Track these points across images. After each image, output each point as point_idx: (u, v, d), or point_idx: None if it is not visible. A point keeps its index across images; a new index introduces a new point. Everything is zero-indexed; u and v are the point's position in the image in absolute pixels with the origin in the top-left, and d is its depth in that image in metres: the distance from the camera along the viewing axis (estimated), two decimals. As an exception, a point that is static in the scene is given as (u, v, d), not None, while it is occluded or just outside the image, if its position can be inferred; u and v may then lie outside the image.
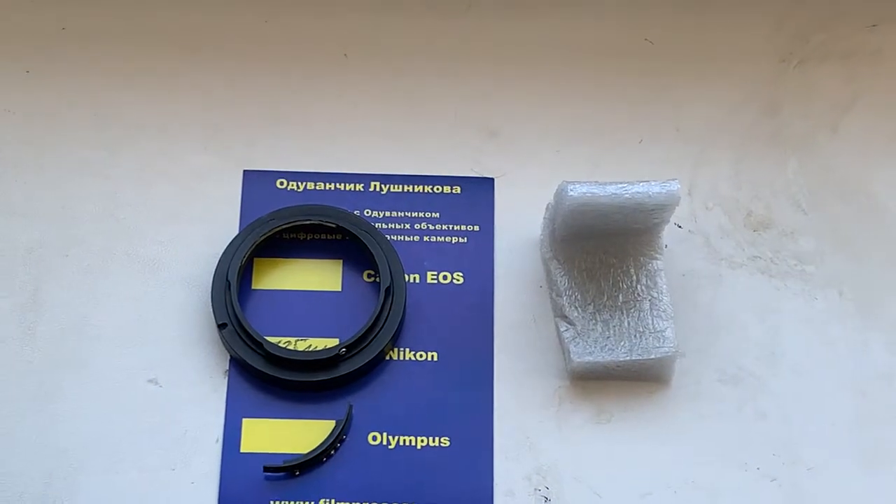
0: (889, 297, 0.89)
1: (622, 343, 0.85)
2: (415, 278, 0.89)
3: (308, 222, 0.89)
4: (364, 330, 0.85)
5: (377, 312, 0.85)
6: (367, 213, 0.91)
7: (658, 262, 0.88)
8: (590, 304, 0.87)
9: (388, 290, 0.86)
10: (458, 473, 0.83)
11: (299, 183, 0.91)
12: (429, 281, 0.89)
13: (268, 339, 0.85)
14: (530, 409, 0.85)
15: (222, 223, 0.90)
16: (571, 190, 0.84)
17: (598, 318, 0.86)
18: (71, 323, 0.87)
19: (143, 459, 0.83)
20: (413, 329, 0.87)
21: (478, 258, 0.90)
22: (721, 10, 0.98)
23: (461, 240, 0.90)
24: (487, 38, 0.97)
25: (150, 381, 0.85)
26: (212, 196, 0.91)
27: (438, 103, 0.95)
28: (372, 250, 0.87)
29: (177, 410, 0.85)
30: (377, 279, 0.87)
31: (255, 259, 0.89)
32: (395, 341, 0.87)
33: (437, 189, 0.92)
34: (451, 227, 0.91)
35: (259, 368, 0.84)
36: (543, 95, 0.95)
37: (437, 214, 0.91)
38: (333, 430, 0.83)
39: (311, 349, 0.86)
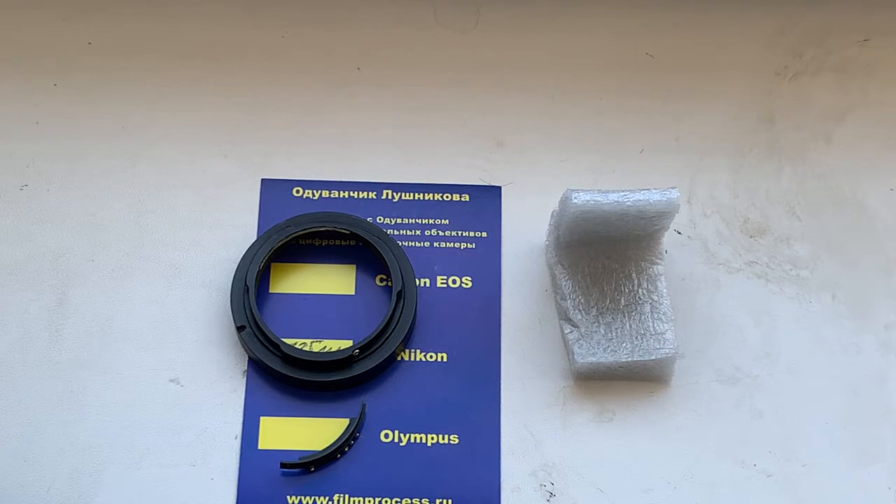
0: (880, 300, 0.89)
1: (624, 345, 0.86)
2: (425, 282, 0.89)
3: (323, 229, 0.89)
4: (377, 332, 0.85)
5: (389, 315, 0.86)
6: (380, 219, 0.91)
7: (658, 266, 0.88)
8: (593, 307, 0.87)
9: (399, 294, 0.87)
10: (467, 470, 0.84)
11: (315, 191, 0.92)
12: (438, 285, 0.89)
13: (284, 340, 0.85)
14: (536, 408, 0.86)
15: (241, 229, 0.90)
16: (575, 198, 0.85)
17: (601, 321, 0.87)
18: (96, 325, 0.87)
19: (165, 456, 0.84)
20: (423, 331, 0.88)
21: (485, 263, 0.90)
22: (718, 25, 0.98)
23: (469, 245, 0.91)
24: (495, 52, 0.97)
25: (171, 380, 0.86)
26: (231, 203, 0.91)
27: (448, 114, 0.95)
28: (384, 256, 0.88)
29: (197, 409, 0.85)
30: (389, 283, 0.88)
31: (273, 264, 0.89)
32: (406, 343, 0.87)
33: (447, 197, 0.92)
34: (459, 233, 0.91)
35: (276, 369, 0.85)
36: (548, 107, 0.96)
37: (447, 221, 0.91)
38: (347, 427, 0.84)
39: (325, 350, 0.86)
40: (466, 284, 0.89)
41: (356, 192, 0.92)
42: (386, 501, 0.83)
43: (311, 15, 0.98)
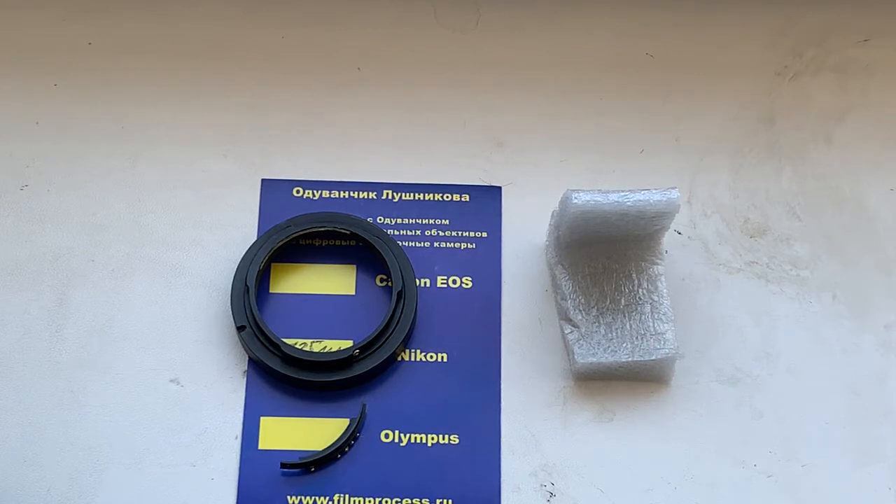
0: (880, 300, 0.90)
1: (624, 345, 0.86)
2: (425, 283, 0.89)
3: (323, 229, 0.89)
4: (377, 332, 0.86)
5: (389, 315, 0.86)
6: (380, 220, 0.91)
7: (659, 266, 0.88)
8: (593, 307, 0.87)
9: (399, 294, 0.87)
10: (467, 470, 0.84)
11: (315, 191, 0.92)
12: (439, 285, 0.89)
13: (285, 340, 0.86)
14: (536, 408, 0.86)
15: (241, 229, 0.90)
16: (575, 198, 0.85)
17: (602, 321, 0.87)
18: (96, 325, 0.87)
19: (165, 456, 0.84)
20: (424, 331, 0.88)
21: (486, 263, 0.90)
22: (719, 25, 0.98)
23: (470, 245, 0.91)
24: (495, 52, 0.97)
25: (171, 380, 0.86)
26: (231, 204, 0.91)
27: (448, 115, 0.95)
28: (384, 256, 0.88)
29: (197, 409, 0.85)
30: (389, 283, 0.88)
31: (273, 264, 0.89)
32: (406, 343, 0.87)
33: (447, 197, 0.92)
34: (460, 233, 0.91)
35: (276, 369, 0.85)
36: (549, 107, 0.96)
37: (447, 221, 0.91)
38: (347, 428, 0.84)
39: (326, 350, 0.86)
40: (466, 284, 0.90)
41: (356, 192, 0.92)
42: (386, 501, 0.84)
43: (311, 15, 0.98)
